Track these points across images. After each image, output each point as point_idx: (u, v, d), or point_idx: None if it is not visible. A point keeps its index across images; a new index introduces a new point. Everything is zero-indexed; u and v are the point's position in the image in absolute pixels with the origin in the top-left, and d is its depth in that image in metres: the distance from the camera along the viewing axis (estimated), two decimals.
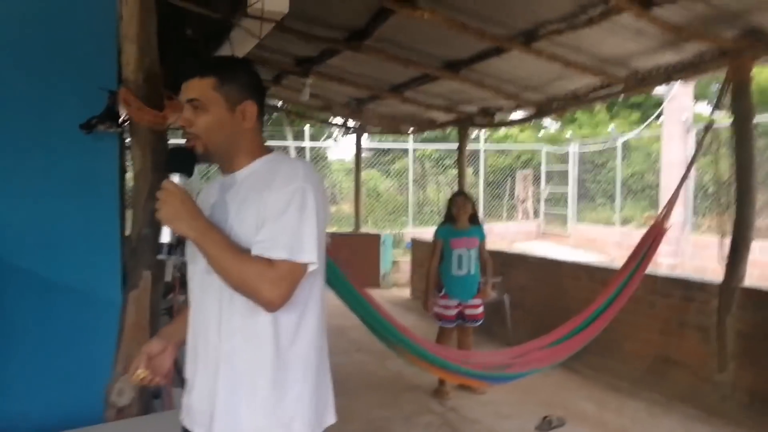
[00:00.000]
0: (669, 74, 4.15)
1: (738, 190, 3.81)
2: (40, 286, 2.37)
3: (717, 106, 3.98)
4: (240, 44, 2.77)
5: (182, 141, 1.48)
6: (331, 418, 1.55)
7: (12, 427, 2.33)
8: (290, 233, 1.36)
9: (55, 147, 2.36)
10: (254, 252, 1.36)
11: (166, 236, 1.38)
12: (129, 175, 3.00)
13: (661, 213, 4.22)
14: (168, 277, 1.88)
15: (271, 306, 1.36)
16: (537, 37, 3.82)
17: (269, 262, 1.34)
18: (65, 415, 2.34)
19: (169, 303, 2.87)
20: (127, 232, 2.38)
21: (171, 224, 1.35)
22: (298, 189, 1.38)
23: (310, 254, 1.37)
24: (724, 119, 4.12)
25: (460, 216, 4.63)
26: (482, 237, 4.72)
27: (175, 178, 1.39)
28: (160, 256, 1.40)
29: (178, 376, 2.83)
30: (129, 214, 2.41)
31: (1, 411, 2.35)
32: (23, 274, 2.35)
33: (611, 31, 3.59)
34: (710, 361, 4.22)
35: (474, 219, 4.71)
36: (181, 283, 2.76)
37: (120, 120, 2.33)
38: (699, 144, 4.04)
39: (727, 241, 3.97)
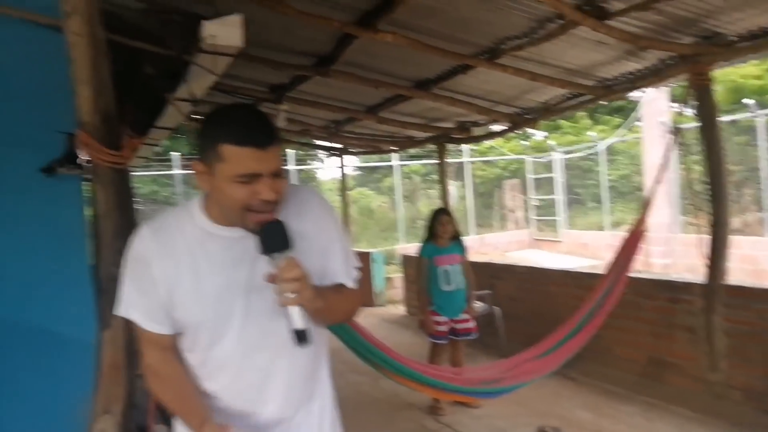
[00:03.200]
0: (633, 82, 4.19)
1: (711, 190, 3.79)
2: (10, 331, 2.35)
3: (682, 110, 4.02)
4: (199, 81, 2.75)
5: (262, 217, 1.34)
6: None
7: None
8: (351, 257, 1.56)
9: (17, 191, 2.36)
10: (342, 281, 1.52)
11: None
12: None
13: (638, 216, 4.24)
14: None
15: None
16: (500, 53, 3.86)
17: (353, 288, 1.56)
18: None
19: None
20: None
21: (314, 303, 1.30)
22: (337, 219, 1.57)
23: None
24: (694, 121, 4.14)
25: (443, 234, 4.63)
26: (462, 252, 4.71)
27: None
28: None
29: (160, 414, 2.80)
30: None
31: None
32: None
33: (571, 43, 3.63)
34: (702, 361, 4.15)
35: (454, 236, 4.71)
36: None
37: (80, 162, 2.31)
38: (669, 147, 4.05)
39: (707, 239, 3.95)
